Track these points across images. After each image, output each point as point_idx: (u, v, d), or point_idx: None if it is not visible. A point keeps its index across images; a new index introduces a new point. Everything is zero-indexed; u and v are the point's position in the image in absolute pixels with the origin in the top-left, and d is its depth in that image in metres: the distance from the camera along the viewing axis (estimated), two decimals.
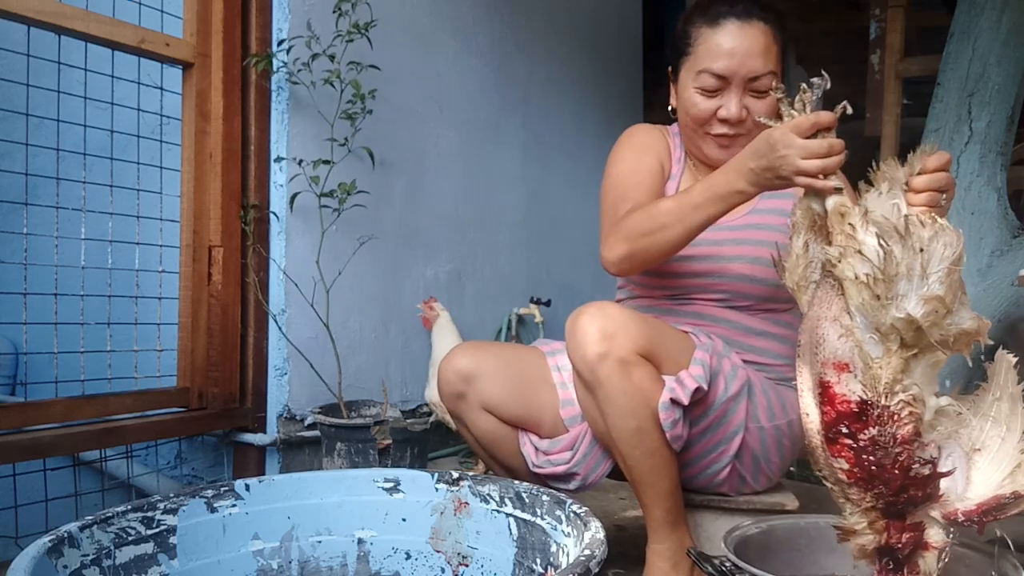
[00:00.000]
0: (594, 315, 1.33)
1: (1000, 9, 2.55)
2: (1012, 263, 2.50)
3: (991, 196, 2.58)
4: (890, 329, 1.00)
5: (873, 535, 1.06)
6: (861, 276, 1.00)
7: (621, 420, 1.33)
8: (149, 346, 2.04)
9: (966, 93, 2.60)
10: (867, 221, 1.04)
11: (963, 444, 1.02)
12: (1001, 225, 2.57)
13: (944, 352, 1.02)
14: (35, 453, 1.74)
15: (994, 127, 2.59)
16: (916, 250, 0.99)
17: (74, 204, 1.91)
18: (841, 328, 1.03)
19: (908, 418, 1.00)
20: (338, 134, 2.18)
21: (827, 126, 1.12)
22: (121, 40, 1.90)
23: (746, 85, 1.40)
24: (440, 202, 2.82)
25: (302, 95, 2.22)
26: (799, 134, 1.12)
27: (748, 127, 1.42)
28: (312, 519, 1.42)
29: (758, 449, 1.46)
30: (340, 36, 2.13)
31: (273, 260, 2.22)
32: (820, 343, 1.05)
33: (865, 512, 1.05)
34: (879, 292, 0.99)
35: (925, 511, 1.03)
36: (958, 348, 1.02)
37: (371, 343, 2.52)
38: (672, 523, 1.40)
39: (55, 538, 1.09)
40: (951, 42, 2.68)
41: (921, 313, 0.99)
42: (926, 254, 0.99)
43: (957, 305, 1.01)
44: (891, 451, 0.99)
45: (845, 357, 1.03)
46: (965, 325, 1.01)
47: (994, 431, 1.02)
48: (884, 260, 0.99)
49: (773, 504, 1.52)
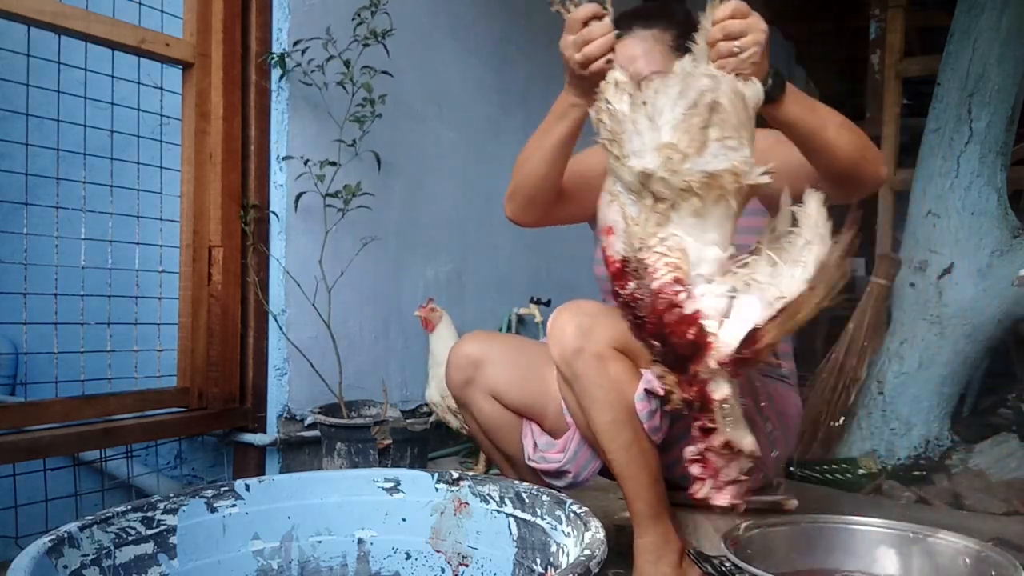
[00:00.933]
0: (572, 312, 1.39)
1: (1000, 9, 2.56)
2: (1012, 263, 2.50)
3: (991, 196, 2.59)
4: (636, 185, 1.02)
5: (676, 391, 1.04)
6: (604, 139, 1.04)
7: (599, 413, 1.37)
8: (149, 346, 2.04)
9: (966, 93, 2.60)
10: (619, 88, 1.07)
11: (768, 293, 0.99)
12: (1001, 225, 2.58)
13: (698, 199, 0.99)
14: (35, 453, 1.74)
15: (994, 127, 2.59)
16: (640, 104, 1.02)
17: (74, 204, 1.91)
18: (609, 196, 1.08)
19: (665, 268, 1.00)
20: (346, 136, 2.18)
21: (586, 18, 1.20)
22: (121, 40, 1.90)
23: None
24: (440, 202, 2.82)
25: (306, 95, 2.22)
26: (570, 32, 1.21)
27: None
28: (312, 519, 1.42)
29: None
30: (356, 40, 2.14)
31: (274, 259, 2.22)
32: (601, 215, 1.10)
33: (660, 368, 1.04)
34: (615, 152, 1.03)
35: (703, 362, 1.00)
36: (718, 195, 0.99)
37: (371, 343, 2.52)
38: (655, 516, 1.41)
39: (55, 538, 1.09)
40: (951, 42, 2.68)
41: (655, 164, 0.99)
42: (650, 106, 1.01)
43: (706, 148, 1.00)
44: (647, 302, 1.01)
45: (611, 221, 1.06)
46: (709, 167, 0.98)
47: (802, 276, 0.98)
48: (611, 119, 1.03)
49: (773, 504, 1.52)
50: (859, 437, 2.66)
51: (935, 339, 2.59)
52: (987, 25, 2.57)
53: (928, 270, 2.62)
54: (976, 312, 2.54)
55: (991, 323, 2.55)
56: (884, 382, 2.66)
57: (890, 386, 2.65)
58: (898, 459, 2.58)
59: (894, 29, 3.18)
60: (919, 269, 2.65)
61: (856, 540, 1.31)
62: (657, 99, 1.02)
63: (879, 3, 3.32)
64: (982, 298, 2.54)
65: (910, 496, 2.31)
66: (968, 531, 1.31)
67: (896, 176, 3.14)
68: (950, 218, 2.60)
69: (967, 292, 2.55)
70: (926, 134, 2.73)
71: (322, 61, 2.14)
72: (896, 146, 3.16)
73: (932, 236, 2.63)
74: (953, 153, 2.61)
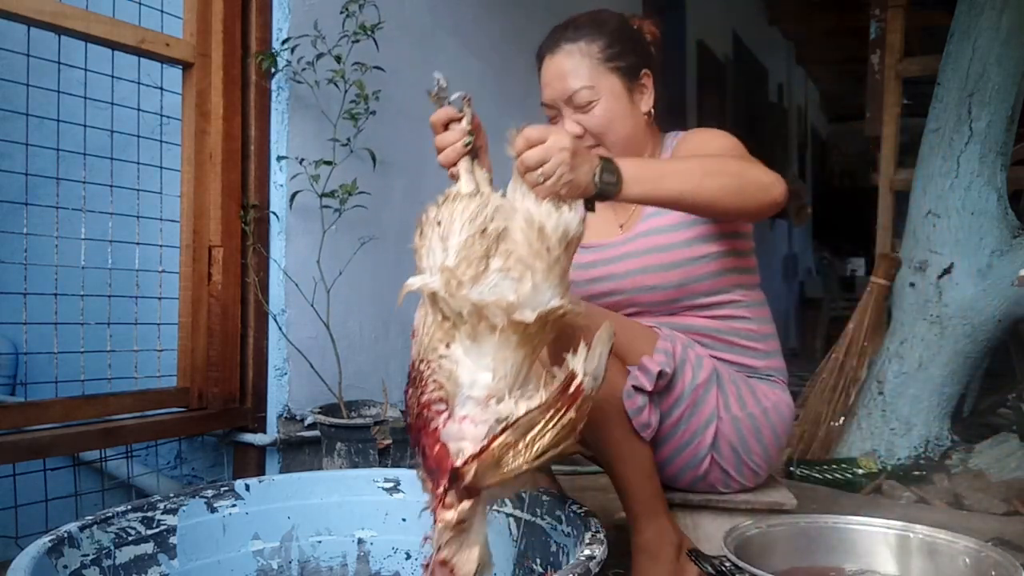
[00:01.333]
0: None
1: (1000, 9, 2.55)
2: (1012, 263, 2.50)
3: (991, 196, 2.59)
4: (426, 300, 1.05)
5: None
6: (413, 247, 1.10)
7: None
8: (149, 346, 2.04)
9: (966, 93, 2.60)
10: (439, 203, 1.12)
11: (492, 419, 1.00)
12: (1001, 225, 2.58)
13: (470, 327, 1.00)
14: (35, 453, 1.74)
15: (994, 127, 2.59)
16: (435, 223, 1.07)
17: (74, 204, 1.91)
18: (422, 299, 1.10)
19: (433, 384, 1.03)
20: (340, 134, 2.18)
21: (444, 121, 1.27)
22: (121, 40, 1.90)
23: (569, 105, 1.50)
24: None
25: (304, 94, 2.22)
26: (435, 132, 1.28)
27: (599, 135, 1.50)
28: (312, 519, 1.42)
29: (735, 439, 1.46)
30: (346, 36, 2.13)
31: (273, 260, 2.22)
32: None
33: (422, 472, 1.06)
34: (417, 262, 1.08)
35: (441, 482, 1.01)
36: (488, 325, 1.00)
37: (371, 343, 2.52)
38: (649, 514, 1.41)
39: (55, 538, 1.09)
40: (951, 42, 2.68)
41: (438, 285, 1.02)
42: (444, 226, 1.06)
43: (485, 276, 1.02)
44: (415, 411, 1.05)
45: (415, 323, 1.10)
46: (477, 298, 1.00)
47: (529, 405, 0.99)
48: (421, 230, 1.08)
49: (772, 504, 1.52)
50: (859, 437, 2.66)
51: (935, 339, 2.59)
52: (987, 25, 2.57)
53: (928, 270, 2.62)
54: (976, 312, 2.54)
55: (991, 323, 2.55)
56: (884, 382, 2.66)
57: (890, 386, 2.65)
58: (898, 459, 2.58)
59: (894, 29, 3.18)
60: (919, 269, 2.65)
61: (856, 540, 1.31)
62: (452, 220, 1.06)
63: (879, 3, 3.31)
64: (982, 298, 2.54)
65: (910, 496, 2.31)
66: (968, 531, 1.32)
67: (896, 176, 3.14)
68: (950, 218, 2.60)
69: (967, 292, 2.55)
70: (926, 134, 2.72)
71: (312, 58, 2.13)
72: (896, 146, 3.16)
73: (932, 236, 2.63)
74: (953, 153, 2.61)
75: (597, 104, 1.49)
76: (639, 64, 1.53)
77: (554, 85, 1.52)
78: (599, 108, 1.49)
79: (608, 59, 1.50)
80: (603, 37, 1.50)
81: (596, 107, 1.49)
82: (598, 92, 1.48)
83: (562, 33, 1.52)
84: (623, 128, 1.50)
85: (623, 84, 1.51)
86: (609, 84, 1.50)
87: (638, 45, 1.55)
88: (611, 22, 1.53)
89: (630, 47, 1.52)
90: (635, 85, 1.53)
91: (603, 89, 1.49)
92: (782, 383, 1.56)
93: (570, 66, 1.49)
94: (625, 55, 1.51)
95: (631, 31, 1.56)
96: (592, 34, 1.50)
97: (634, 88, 1.52)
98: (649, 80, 1.54)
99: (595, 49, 1.49)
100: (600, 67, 1.49)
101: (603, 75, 1.49)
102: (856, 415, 2.70)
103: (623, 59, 1.51)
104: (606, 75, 1.50)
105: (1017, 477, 2.33)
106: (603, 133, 1.49)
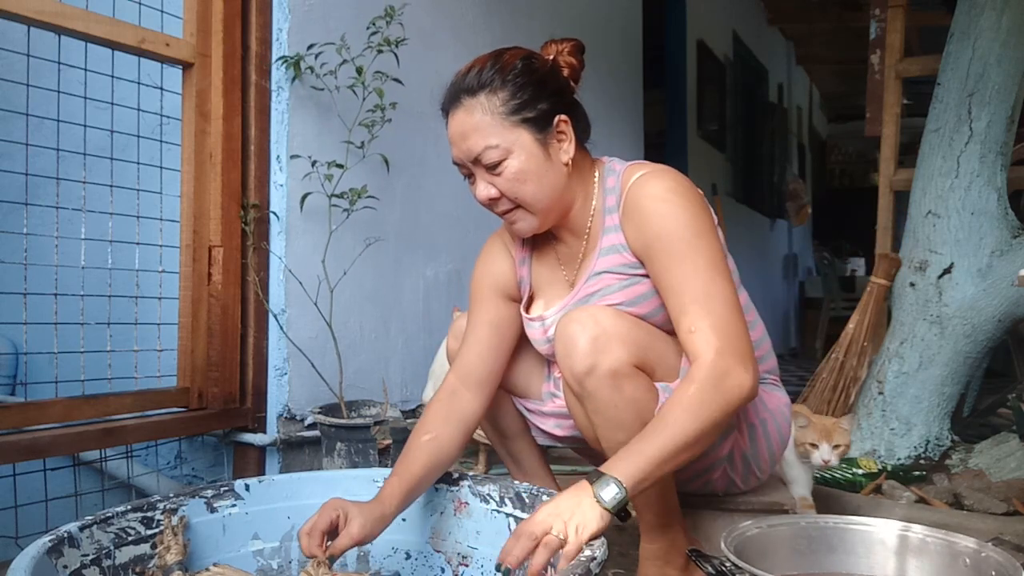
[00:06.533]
0: (584, 323, 1.28)
1: (1000, 9, 2.55)
2: (1012, 263, 2.50)
3: (991, 196, 2.59)
4: None
5: None
6: None
7: (611, 432, 1.30)
8: (149, 346, 2.04)
9: (966, 93, 2.60)
10: None
11: None
12: (1001, 225, 2.58)
13: None
14: (35, 453, 1.74)
15: (994, 127, 2.59)
16: None
17: (74, 204, 1.91)
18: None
19: None
20: (354, 138, 2.20)
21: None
22: (121, 40, 1.90)
23: (479, 166, 1.34)
24: (440, 202, 2.82)
25: (316, 98, 2.24)
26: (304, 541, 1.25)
27: (515, 197, 1.35)
28: None
29: (747, 449, 1.46)
30: (371, 47, 2.17)
31: (276, 258, 2.22)
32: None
33: None
34: None
35: None
36: None
37: (371, 343, 2.52)
38: (664, 526, 1.40)
39: (55, 538, 1.09)
40: (951, 42, 2.68)
41: None
42: None
43: None
44: None
45: None
46: None
47: None
48: None
49: (772, 504, 1.52)
50: (859, 437, 2.66)
51: (935, 339, 2.59)
52: (987, 25, 2.57)
53: (928, 270, 2.62)
54: (976, 312, 2.54)
55: (991, 323, 2.55)
56: (884, 382, 2.66)
57: (890, 386, 2.65)
58: (898, 459, 2.58)
59: (894, 29, 3.18)
60: (919, 269, 2.65)
61: (856, 540, 1.31)
62: None
63: (879, 3, 3.31)
64: (982, 298, 2.54)
65: (910, 496, 2.30)
66: (968, 531, 1.32)
67: (896, 176, 3.14)
68: (950, 218, 2.60)
69: (967, 292, 2.55)
70: (926, 134, 2.73)
71: (334, 66, 2.17)
72: (896, 146, 3.16)
73: (932, 236, 2.63)
74: (953, 153, 2.61)
75: (508, 163, 1.31)
76: (551, 111, 1.33)
77: (459, 145, 1.35)
78: (511, 167, 1.31)
79: (513, 112, 1.31)
80: (506, 87, 1.31)
81: (507, 166, 1.31)
82: (507, 150, 1.31)
83: (461, 82, 1.35)
84: (541, 186, 1.33)
85: (534, 138, 1.32)
86: (518, 140, 1.31)
87: (548, 87, 1.35)
88: (515, 66, 1.33)
89: (539, 93, 1.33)
90: (549, 136, 1.33)
91: (512, 146, 1.31)
92: (778, 383, 1.56)
93: (471, 124, 1.31)
94: (533, 103, 1.32)
95: (540, 73, 1.35)
96: (493, 84, 1.32)
97: (548, 139, 1.33)
98: (567, 125, 1.35)
99: (497, 102, 1.31)
100: (505, 122, 1.31)
101: (509, 130, 1.31)
102: (856, 415, 2.70)
103: (531, 109, 1.32)
104: (513, 130, 1.31)
105: (1017, 477, 2.33)
106: (519, 194, 1.33)
